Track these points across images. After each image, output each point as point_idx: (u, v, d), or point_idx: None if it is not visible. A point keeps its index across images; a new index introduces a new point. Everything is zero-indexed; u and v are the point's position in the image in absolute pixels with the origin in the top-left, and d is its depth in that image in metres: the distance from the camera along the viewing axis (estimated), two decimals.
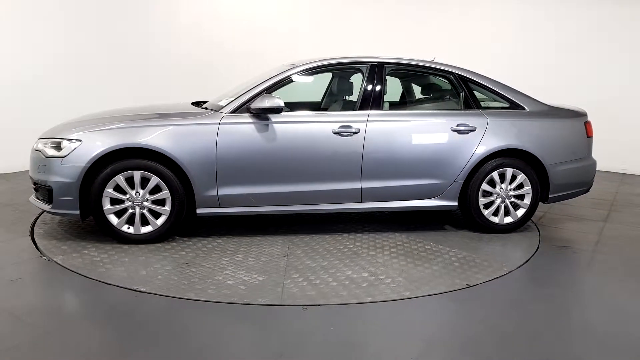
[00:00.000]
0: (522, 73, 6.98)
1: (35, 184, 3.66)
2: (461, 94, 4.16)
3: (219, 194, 3.62)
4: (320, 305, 2.77)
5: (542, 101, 4.33)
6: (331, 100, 4.68)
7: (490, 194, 4.06)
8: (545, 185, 4.16)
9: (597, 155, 4.48)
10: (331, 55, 4.16)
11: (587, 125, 4.33)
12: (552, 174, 4.11)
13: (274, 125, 3.67)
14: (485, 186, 4.02)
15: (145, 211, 3.56)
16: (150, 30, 7.01)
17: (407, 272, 3.27)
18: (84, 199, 3.49)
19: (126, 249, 3.51)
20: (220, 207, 3.66)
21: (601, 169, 6.36)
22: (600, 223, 4.61)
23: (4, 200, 4.71)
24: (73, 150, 3.44)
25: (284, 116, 3.71)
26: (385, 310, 2.77)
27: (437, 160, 3.92)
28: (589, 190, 4.44)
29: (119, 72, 6.69)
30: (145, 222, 3.58)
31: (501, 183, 4.05)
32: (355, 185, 3.82)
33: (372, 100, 3.92)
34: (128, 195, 3.51)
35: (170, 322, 2.57)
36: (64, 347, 2.30)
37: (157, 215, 3.59)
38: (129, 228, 3.56)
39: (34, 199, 3.76)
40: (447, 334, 2.58)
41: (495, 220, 4.09)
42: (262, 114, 3.65)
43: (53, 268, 3.20)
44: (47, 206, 3.55)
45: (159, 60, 7.05)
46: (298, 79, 3.93)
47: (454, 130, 3.95)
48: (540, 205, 4.34)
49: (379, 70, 3.99)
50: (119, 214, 3.54)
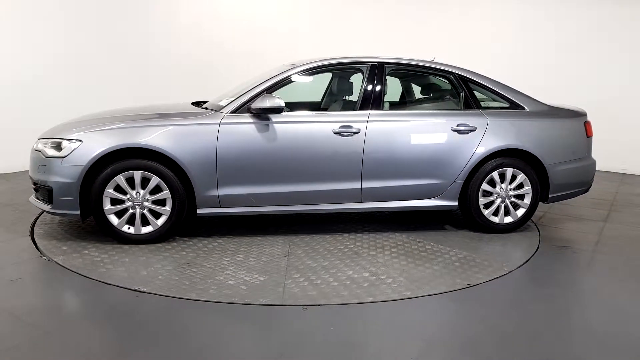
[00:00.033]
0: (522, 73, 6.98)
1: (35, 184, 3.66)
2: (461, 94, 4.16)
3: (220, 194, 3.62)
4: (320, 305, 2.77)
5: (542, 101, 4.34)
6: (331, 100, 4.68)
7: (490, 193, 4.06)
8: (545, 185, 4.16)
9: (597, 155, 4.49)
10: (331, 55, 4.16)
11: (587, 125, 4.34)
12: (552, 174, 4.12)
13: (275, 125, 3.67)
14: (485, 186, 4.02)
15: (145, 211, 3.56)
16: (150, 30, 7.01)
17: (408, 272, 3.28)
18: (84, 199, 3.49)
19: (126, 249, 3.51)
20: (220, 207, 3.66)
21: (601, 169, 6.36)
22: (600, 223, 4.61)
23: (4, 200, 4.71)
24: (73, 151, 3.44)
25: (285, 116, 3.71)
26: (385, 310, 2.78)
27: (438, 160, 3.93)
28: (588, 190, 4.45)
29: (119, 72, 6.69)
30: (145, 223, 3.58)
31: (501, 183, 4.05)
32: (356, 185, 3.82)
33: (373, 100, 3.92)
34: (128, 196, 3.51)
35: (171, 322, 2.58)
36: (64, 347, 2.30)
37: (158, 215, 3.59)
38: (129, 228, 3.55)
39: (34, 199, 3.75)
40: (447, 333, 2.58)
41: (495, 220, 4.10)
42: (263, 114, 3.66)
43: (53, 268, 3.20)
44: (47, 206, 3.55)
45: (159, 60, 7.05)
46: (298, 79, 3.93)
47: (454, 130, 3.95)
48: (540, 205, 4.34)
49: (379, 70, 3.99)
50: (119, 214, 3.54)
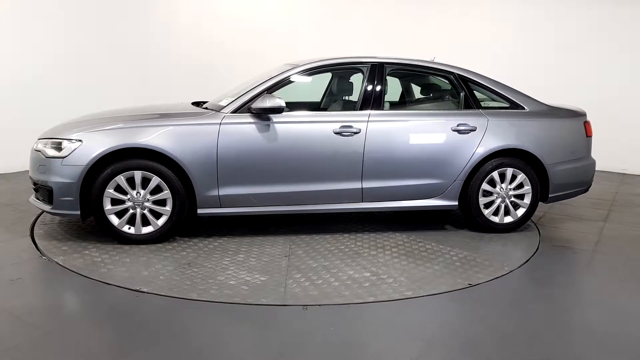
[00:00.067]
0: (522, 73, 6.99)
1: (35, 184, 3.65)
2: (461, 94, 4.16)
3: (220, 194, 3.61)
4: (320, 305, 2.77)
5: (542, 101, 4.34)
6: (331, 100, 4.68)
7: (491, 193, 4.07)
8: (545, 185, 4.16)
9: (597, 155, 4.49)
10: (331, 55, 4.17)
11: (587, 125, 4.34)
12: (552, 174, 4.12)
13: (275, 125, 3.67)
14: (485, 186, 4.03)
15: (146, 211, 3.55)
16: (150, 30, 7.01)
17: (409, 272, 3.28)
18: (84, 200, 3.49)
19: (127, 249, 3.50)
20: (221, 207, 3.66)
21: (601, 169, 6.37)
22: (600, 223, 4.62)
23: (4, 200, 4.71)
24: (74, 151, 3.43)
25: (285, 116, 3.71)
26: (385, 310, 2.78)
27: (438, 160, 3.93)
28: (588, 190, 4.46)
29: (119, 72, 6.68)
30: (146, 223, 3.58)
31: (501, 183, 4.06)
32: (356, 185, 3.82)
33: (373, 100, 3.92)
34: (129, 196, 3.51)
35: (171, 323, 2.57)
36: (64, 347, 2.30)
37: (158, 215, 3.58)
38: (129, 228, 3.55)
39: (33, 200, 3.75)
40: (448, 333, 2.58)
41: (495, 219, 4.10)
42: (263, 114, 3.65)
43: (53, 268, 3.20)
44: (48, 207, 3.54)
45: (159, 60, 7.04)
46: (299, 79, 3.93)
47: (455, 130, 3.95)
48: (540, 205, 4.34)
49: (379, 70, 3.99)
50: (119, 214, 3.53)
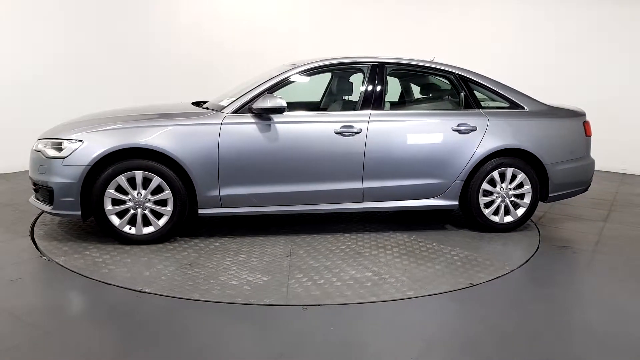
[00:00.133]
0: (522, 73, 6.99)
1: (35, 184, 3.64)
2: (461, 94, 4.16)
3: (221, 194, 3.61)
4: (320, 305, 2.77)
5: (542, 101, 4.35)
6: (331, 100, 4.68)
7: (491, 193, 4.07)
8: (545, 185, 4.17)
9: (597, 155, 4.49)
10: (331, 55, 4.17)
11: (586, 124, 4.35)
12: (552, 173, 4.13)
13: (276, 125, 3.67)
14: (485, 185, 4.03)
15: (147, 212, 3.55)
16: (150, 30, 7.01)
17: (410, 272, 3.28)
18: (84, 200, 3.48)
19: (128, 249, 3.50)
20: (222, 208, 3.66)
21: (601, 169, 6.39)
22: (600, 223, 4.62)
23: (4, 200, 4.70)
24: (74, 151, 3.43)
25: (286, 116, 3.71)
26: (386, 309, 2.78)
27: (438, 160, 3.93)
28: (587, 190, 4.46)
29: (119, 72, 6.68)
30: (146, 223, 3.58)
31: (501, 182, 4.06)
32: (357, 185, 3.83)
33: (374, 100, 3.92)
34: (130, 196, 3.51)
35: (172, 323, 2.57)
36: (64, 347, 2.30)
37: (159, 215, 3.58)
38: (130, 229, 3.55)
39: (33, 200, 3.74)
40: (448, 333, 2.58)
41: (495, 219, 4.10)
42: (264, 114, 3.65)
43: (53, 268, 3.20)
44: (48, 207, 3.53)
45: (159, 60, 7.04)
46: (299, 79, 3.93)
47: (455, 130, 3.96)
48: (540, 205, 4.35)
49: (380, 71, 4.00)
50: (120, 214, 3.53)
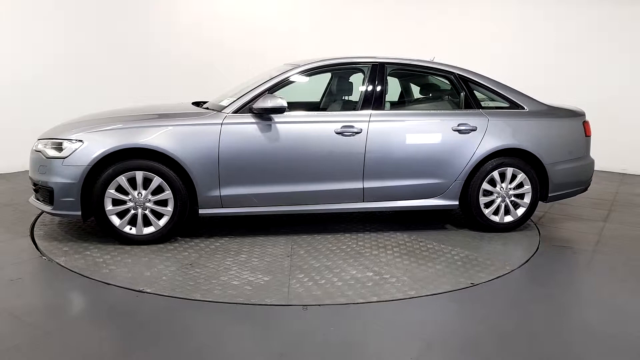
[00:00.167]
0: (522, 73, 6.99)
1: (35, 184, 3.64)
2: (462, 94, 4.17)
3: (222, 194, 3.61)
4: (320, 305, 2.77)
5: (541, 101, 4.35)
6: (330, 100, 4.68)
7: (491, 193, 4.08)
8: (545, 184, 4.17)
9: (597, 155, 4.50)
10: (331, 55, 4.17)
11: (586, 124, 4.36)
12: (552, 173, 4.14)
13: (276, 125, 3.67)
14: (485, 185, 4.04)
15: (147, 212, 3.55)
16: (150, 30, 7.00)
17: (411, 272, 3.28)
18: (85, 200, 3.48)
19: (128, 249, 3.50)
20: (222, 208, 3.66)
21: (601, 169, 6.39)
22: (600, 223, 4.62)
23: (4, 200, 4.70)
24: (74, 151, 3.43)
25: (286, 116, 3.70)
26: (386, 309, 2.78)
27: (439, 160, 3.94)
28: (587, 189, 4.47)
29: (119, 72, 6.68)
30: (147, 223, 3.58)
31: (501, 182, 4.06)
32: (358, 185, 3.83)
33: (374, 100, 3.92)
34: (130, 196, 3.51)
35: (173, 323, 2.57)
36: (64, 347, 2.30)
37: (159, 216, 3.58)
38: (131, 229, 3.55)
39: (33, 200, 3.73)
40: (448, 333, 2.58)
41: (495, 219, 4.11)
42: (265, 114, 3.65)
43: (53, 268, 3.20)
44: (48, 207, 3.53)
45: (159, 60, 7.04)
46: (300, 79, 3.92)
47: (455, 130, 3.96)
48: (540, 205, 4.35)
49: (380, 71, 4.00)
50: (120, 214, 3.52)
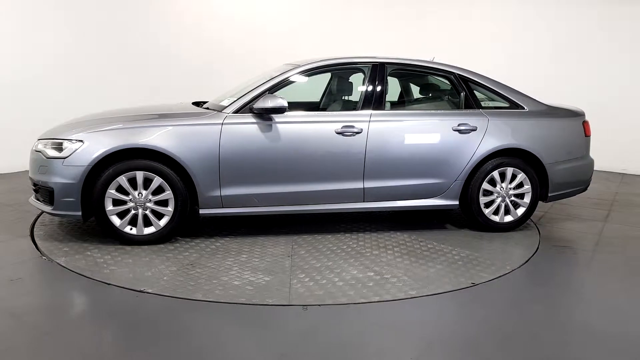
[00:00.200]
0: (522, 73, 7.00)
1: (35, 185, 3.63)
2: (462, 94, 4.17)
3: (222, 194, 3.61)
4: (320, 305, 2.77)
5: (541, 101, 4.36)
6: (330, 100, 4.68)
7: (491, 192, 4.08)
8: (545, 184, 4.18)
9: (598, 155, 4.50)
10: (331, 55, 4.17)
11: (585, 124, 4.37)
12: (551, 173, 4.14)
13: (277, 125, 3.67)
14: (485, 185, 4.04)
15: (147, 212, 3.55)
16: (150, 31, 7.00)
17: (412, 271, 3.28)
18: (85, 200, 3.47)
19: (129, 250, 3.50)
20: (223, 208, 3.66)
21: (601, 169, 6.40)
22: (600, 223, 4.63)
23: (4, 200, 4.70)
24: (75, 151, 3.42)
25: (287, 116, 3.70)
26: (386, 309, 2.78)
27: (439, 159, 3.94)
28: (586, 189, 4.48)
29: (119, 72, 6.68)
30: (147, 223, 3.57)
31: (501, 182, 4.07)
32: (358, 185, 3.83)
33: (374, 100, 3.93)
34: (131, 196, 3.50)
35: (174, 323, 2.57)
36: (64, 347, 2.30)
37: (160, 216, 3.58)
38: (131, 229, 3.54)
39: (33, 200, 3.72)
40: (448, 333, 2.58)
41: (495, 219, 4.11)
42: (265, 114, 3.65)
43: (54, 269, 3.20)
44: (48, 207, 3.52)
45: (159, 60, 7.04)
46: (300, 79, 3.92)
47: (455, 130, 3.96)
48: (540, 204, 4.35)
49: (380, 71, 4.00)
50: (121, 215, 3.52)
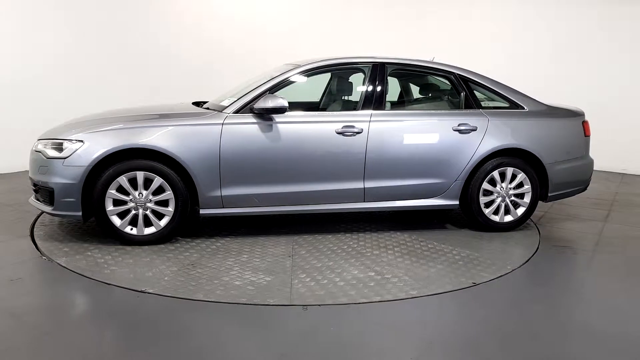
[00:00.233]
0: (522, 73, 7.00)
1: (35, 185, 3.63)
2: (462, 94, 4.17)
3: (223, 194, 3.61)
4: (320, 305, 2.78)
5: (541, 101, 4.36)
6: (330, 100, 4.68)
7: (491, 192, 4.08)
8: (545, 184, 4.18)
9: (597, 155, 4.50)
10: (331, 55, 4.17)
11: (585, 124, 4.37)
12: (551, 173, 4.15)
13: (278, 125, 3.67)
14: (485, 185, 4.04)
15: (148, 212, 3.55)
16: (150, 31, 7.00)
17: (413, 271, 3.29)
18: (85, 201, 3.47)
19: (129, 250, 3.50)
20: (223, 208, 3.66)
21: (601, 169, 6.40)
22: (600, 223, 4.63)
23: (4, 200, 4.70)
24: (75, 151, 3.42)
25: (287, 116, 3.70)
26: (386, 309, 2.78)
27: (439, 159, 3.94)
28: (586, 189, 4.48)
29: (119, 72, 6.68)
30: (148, 224, 3.57)
31: (501, 182, 4.07)
32: (358, 185, 3.83)
33: (374, 100, 3.93)
34: (131, 197, 3.50)
35: (175, 323, 2.57)
36: (64, 347, 2.30)
37: (160, 216, 3.58)
38: (132, 229, 3.54)
39: (33, 201, 3.72)
40: (449, 333, 2.58)
41: (495, 218, 4.11)
42: (266, 114, 3.65)
43: (54, 269, 3.20)
44: (48, 208, 3.52)
45: (159, 60, 7.04)
46: (301, 79, 3.92)
47: (455, 130, 3.97)
48: (540, 204, 4.35)
49: (380, 71, 4.00)
50: (121, 215, 3.52)
